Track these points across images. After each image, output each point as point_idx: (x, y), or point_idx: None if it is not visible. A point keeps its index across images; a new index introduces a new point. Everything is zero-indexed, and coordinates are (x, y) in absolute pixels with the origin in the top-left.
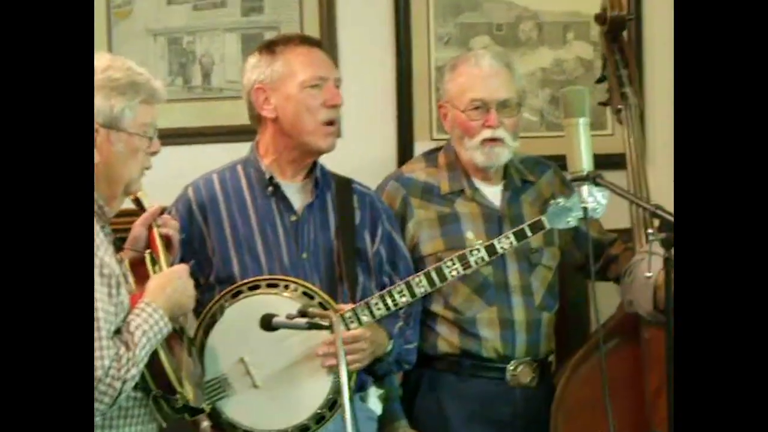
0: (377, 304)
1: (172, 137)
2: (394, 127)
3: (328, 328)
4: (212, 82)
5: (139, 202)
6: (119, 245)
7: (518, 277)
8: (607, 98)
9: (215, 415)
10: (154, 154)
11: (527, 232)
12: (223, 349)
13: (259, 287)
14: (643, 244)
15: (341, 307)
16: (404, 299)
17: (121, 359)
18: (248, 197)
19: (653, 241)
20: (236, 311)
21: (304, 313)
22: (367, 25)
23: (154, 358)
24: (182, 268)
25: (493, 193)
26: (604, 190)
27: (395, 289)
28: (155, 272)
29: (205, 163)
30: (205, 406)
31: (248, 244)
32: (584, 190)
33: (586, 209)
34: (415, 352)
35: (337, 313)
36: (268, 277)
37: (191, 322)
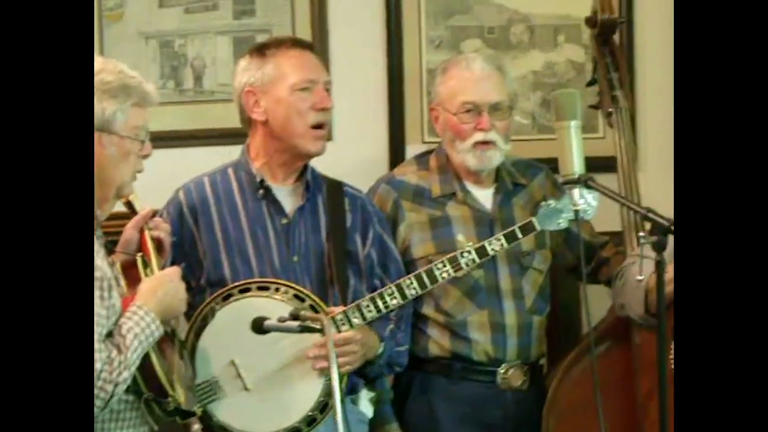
0: (368, 306)
1: (163, 140)
2: (385, 129)
3: (319, 331)
4: (204, 85)
5: (130, 205)
6: (111, 248)
7: (509, 280)
8: (597, 101)
9: (206, 417)
10: (146, 157)
11: (518, 233)
12: (214, 351)
13: (250, 290)
14: (634, 247)
15: (332, 309)
16: (395, 301)
17: (112, 362)
18: (239, 200)
19: (644, 244)
20: (227, 314)
21: (295, 316)
22: (358, 27)
23: (145, 361)
24: (174, 271)
25: (484, 196)
26: (595, 192)
27: (386, 291)
28: (147, 275)
29: (196, 166)
30: (196, 409)
31: (239, 247)
32: (575, 192)
33: (577, 212)
34: (406, 354)
35: (328, 315)
36: (259, 279)
37: (183, 325)
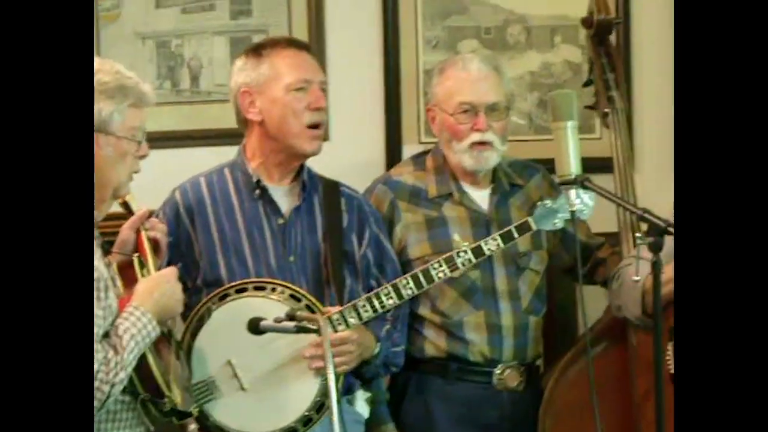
0: (364, 306)
1: (160, 140)
2: (382, 130)
3: (315, 331)
4: (200, 85)
5: (127, 205)
6: (107, 249)
7: (506, 281)
8: (594, 102)
9: (203, 418)
10: (142, 157)
11: (514, 233)
12: (210, 351)
13: (246, 290)
14: (630, 248)
15: (328, 309)
16: (391, 301)
17: (109, 363)
18: (235, 200)
19: (641, 245)
20: (223, 314)
21: (291, 316)
22: (355, 28)
23: (142, 361)
24: (170, 271)
25: (481, 196)
26: (591, 192)
27: (382, 291)
28: (143, 276)
29: (193, 166)
30: (192, 409)
31: (235, 247)
32: (572, 193)
33: (573, 213)
34: (402, 355)
35: (324, 315)
36: (255, 279)
37: (179, 325)
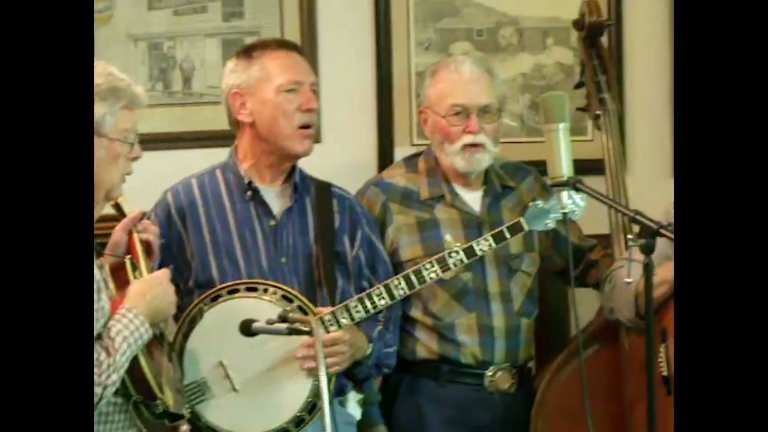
0: (356, 306)
1: (152, 142)
2: (374, 132)
3: (308, 333)
4: (193, 87)
5: (119, 207)
6: (99, 251)
7: (497, 283)
8: (585, 104)
9: (195, 418)
10: (135, 159)
11: (506, 233)
12: (202, 352)
13: (238, 291)
14: (622, 249)
15: (320, 310)
16: (383, 302)
17: (101, 365)
18: (227, 202)
19: (633, 246)
20: (215, 315)
21: (284, 318)
22: (347, 30)
23: (134, 363)
24: (163, 273)
25: (473, 198)
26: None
27: (374, 291)
28: (136, 278)
29: (185, 168)
30: (184, 411)
31: (227, 248)
32: (564, 195)
33: (565, 214)
34: (394, 355)
35: (316, 316)
36: (247, 280)
37: (171, 327)
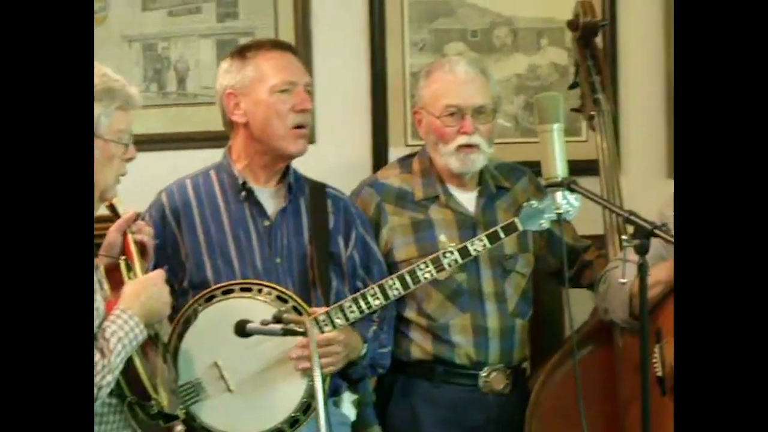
0: (351, 307)
1: (147, 143)
2: (368, 132)
3: (302, 334)
4: (187, 88)
5: (113, 208)
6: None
7: (492, 283)
8: (580, 104)
9: (189, 419)
10: (129, 160)
11: (500, 234)
12: (196, 353)
13: (233, 291)
14: (616, 250)
15: (315, 310)
16: (378, 302)
17: (96, 366)
18: (221, 202)
19: (627, 247)
20: (210, 315)
21: (278, 318)
22: (341, 30)
23: (129, 364)
24: (158, 274)
25: (467, 199)
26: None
27: (369, 291)
28: (130, 278)
29: (179, 168)
30: (179, 412)
31: (221, 249)
32: (558, 195)
33: (560, 215)
34: (389, 356)
35: (310, 316)
36: (241, 281)
37: (166, 327)
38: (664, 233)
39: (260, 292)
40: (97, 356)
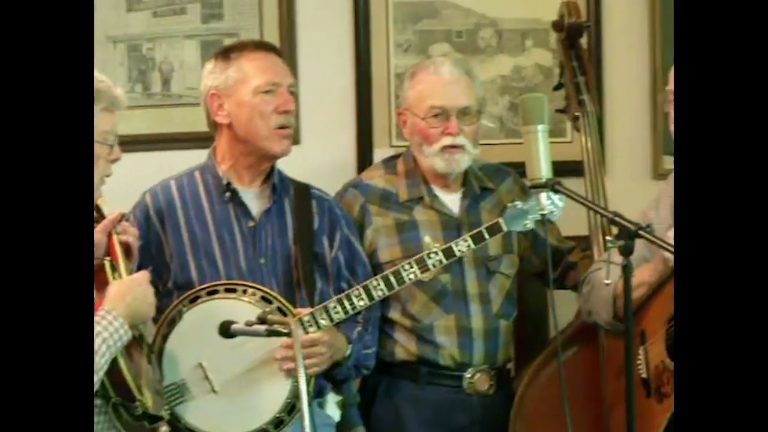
0: (335, 307)
1: (132, 144)
2: (353, 133)
3: (287, 335)
4: (172, 88)
5: (98, 209)
6: None
7: (476, 284)
8: (565, 105)
9: (174, 420)
10: (114, 161)
11: (485, 234)
12: (181, 354)
13: (217, 292)
14: (601, 251)
15: (299, 311)
16: (362, 302)
17: None
18: (206, 203)
19: (611, 248)
20: (194, 316)
21: (263, 319)
22: (326, 31)
23: (113, 365)
24: (142, 275)
25: (452, 200)
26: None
27: (353, 292)
28: (115, 279)
29: (164, 169)
30: (164, 413)
31: (206, 249)
32: (543, 196)
33: (544, 216)
34: (373, 357)
35: (295, 317)
36: (226, 282)
37: (150, 328)
38: (648, 234)
39: (245, 292)
40: None
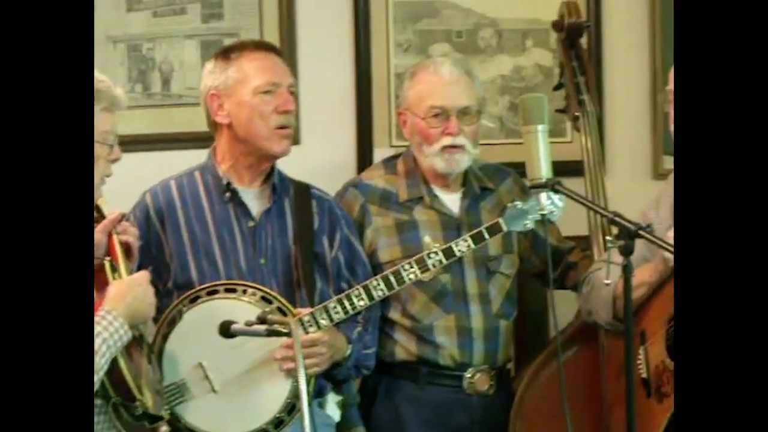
0: (335, 307)
1: (132, 144)
2: (353, 133)
3: (287, 334)
4: (172, 88)
5: (99, 209)
6: None
7: (476, 284)
8: (565, 105)
9: (174, 420)
10: (114, 161)
11: (485, 234)
12: (181, 353)
13: (217, 292)
14: (601, 251)
15: (299, 311)
16: (362, 302)
17: None
18: (206, 203)
19: (611, 248)
20: (194, 316)
21: (263, 319)
22: (326, 31)
23: (114, 365)
24: (143, 275)
25: (452, 200)
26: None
27: (353, 292)
28: (115, 279)
29: (164, 169)
30: (164, 413)
31: (206, 249)
32: (543, 196)
33: (544, 216)
34: (374, 357)
35: (295, 317)
36: (226, 282)
37: (150, 328)
38: (648, 234)
39: (245, 293)
40: None
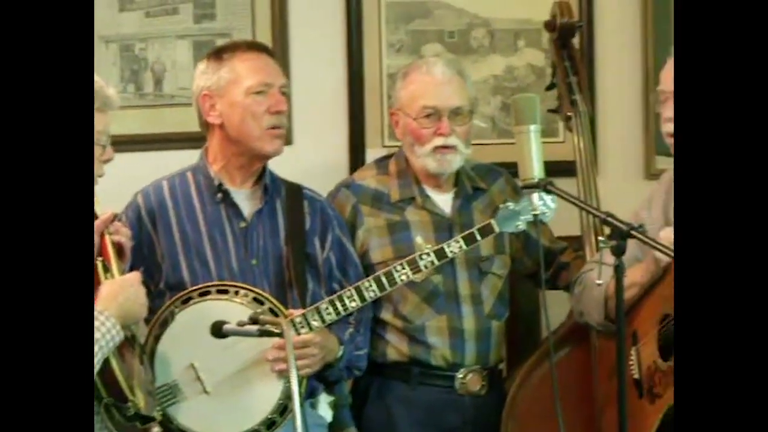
0: (327, 309)
1: (124, 144)
2: (345, 133)
3: (278, 335)
4: (164, 89)
5: None
6: None
7: (468, 285)
8: (557, 105)
9: (166, 421)
10: (107, 161)
11: (477, 235)
12: (173, 355)
13: (209, 293)
14: (593, 251)
15: (291, 312)
16: (354, 304)
17: None
18: (197, 204)
19: (604, 248)
20: (186, 317)
21: (254, 320)
22: (318, 31)
23: (105, 366)
24: (134, 276)
25: (444, 200)
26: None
27: (345, 293)
28: (107, 279)
29: (156, 169)
30: (156, 414)
31: (197, 250)
32: (535, 197)
33: (536, 216)
34: (365, 358)
35: (287, 318)
36: (218, 282)
37: (142, 329)
38: (640, 235)
39: (237, 294)
40: None
